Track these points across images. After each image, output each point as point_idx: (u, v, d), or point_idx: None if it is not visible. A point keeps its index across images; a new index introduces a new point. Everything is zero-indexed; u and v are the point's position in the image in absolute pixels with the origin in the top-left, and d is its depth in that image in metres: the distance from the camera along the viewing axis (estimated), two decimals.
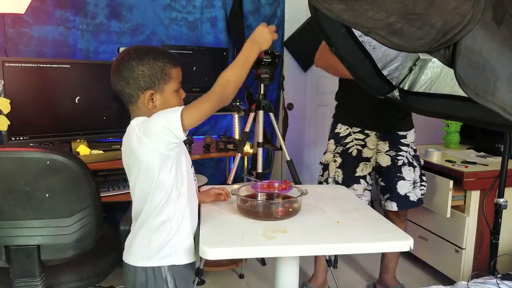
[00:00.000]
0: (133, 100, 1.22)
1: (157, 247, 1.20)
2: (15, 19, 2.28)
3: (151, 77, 1.20)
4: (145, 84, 1.20)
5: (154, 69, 1.21)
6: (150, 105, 1.21)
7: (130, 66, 1.19)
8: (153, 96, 1.21)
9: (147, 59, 1.20)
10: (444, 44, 0.93)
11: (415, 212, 2.60)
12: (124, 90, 1.21)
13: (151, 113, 1.19)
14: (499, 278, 1.62)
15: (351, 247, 1.19)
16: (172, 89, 1.26)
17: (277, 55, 1.87)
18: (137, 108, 1.23)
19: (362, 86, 1.87)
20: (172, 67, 1.26)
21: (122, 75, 1.20)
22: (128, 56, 1.21)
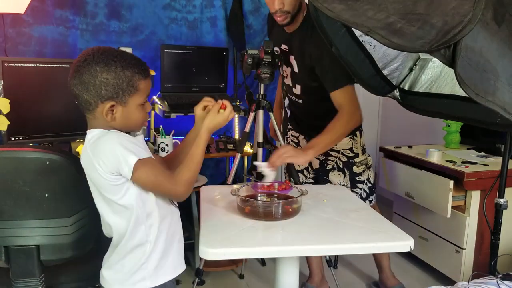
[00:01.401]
0: (90, 109, 1.10)
1: (130, 271, 1.13)
2: (15, 19, 2.28)
3: (115, 87, 1.07)
4: (107, 94, 1.07)
5: (120, 79, 1.07)
6: (108, 117, 1.09)
7: (93, 71, 1.06)
8: (114, 108, 1.09)
9: (114, 66, 1.07)
10: (444, 44, 0.93)
11: (415, 212, 2.60)
12: (82, 95, 1.08)
13: (110, 125, 1.11)
14: (499, 278, 1.61)
15: (351, 247, 1.19)
16: (137, 102, 1.12)
17: (277, 55, 1.87)
18: (93, 118, 1.12)
19: (363, 86, 1.86)
20: (141, 79, 1.11)
21: (82, 79, 1.06)
22: (92, 59, 1.07)
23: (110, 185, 1.08)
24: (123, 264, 1.14)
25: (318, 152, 1.77)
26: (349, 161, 2.08)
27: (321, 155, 2.09)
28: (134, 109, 1.12)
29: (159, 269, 1.16)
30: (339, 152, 2.09)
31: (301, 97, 2.02)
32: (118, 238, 1.14)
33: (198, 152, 1.16)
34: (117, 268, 1.15)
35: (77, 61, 1.08)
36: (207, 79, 2.67)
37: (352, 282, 2.49)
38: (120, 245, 1.13)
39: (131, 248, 1.13)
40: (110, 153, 1.05)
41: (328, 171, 2.10)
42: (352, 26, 1.10)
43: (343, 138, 1.85)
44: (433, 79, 1.81)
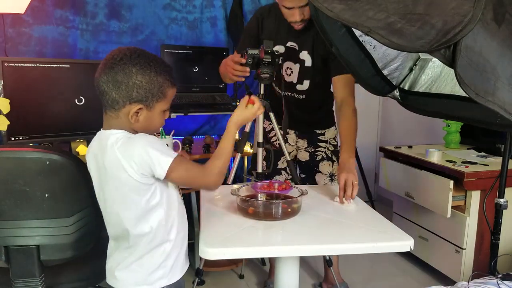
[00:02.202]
0: (116, 107, 1.09)
1: (149, 270, 1.14)
2: (15, 19, 2.28)
3: (147, 91, 1.09)
4: (137, 96, 1.08)
5: (153, 84, 1.09)
6: (133, 119, 1.10)
7: (129, 71, 1.06)
8: (140, 111, 1.10)
9: (149, 70, 1.08)
10: (444, 44, 0.93)
11: (416, 212, 2.60)
12: (111, 93, 1.08)
13: (130, 126, 1.12)
14: (499, 278, 1.62)
15: (351, 247, 1.19)
16: (162, 108, 1.14)
17: (277, 55, 1.87)
18: (116, 117, 1.11)
19: (363, 86, 1.86)
20: (170, 86, 1.14)
21: (116, 77, 1.06)
22: (129, 59, 1.08)
23: (140, 186, 1.08)
24: (141, 264, 1.14)
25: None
26: (335, 149, 2.20)
27: (311, 147, 2.20)
28: (157, 115, 1.14)
29: (175, 267, 1.18)
30: (327, 142, 2.20)
31: (305, 92, 2.07)
32: (137, 239, 1.13)
33: (226, 145, 1.22)
34: (134, 268, 1.14)
35: (112, 58, 1.08)
36: (207, 79, 2.67)
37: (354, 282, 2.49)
38: (141, 245, 1.13)
39: (152, 247, 1.13)
40: (144, 154, 1.05)
41: (318, 162, 2.18)
42: (352, 26, 1.10)
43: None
44: (433, 79, 1.81)
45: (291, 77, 2.04)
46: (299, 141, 2.22)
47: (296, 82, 2.05)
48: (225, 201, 1.47)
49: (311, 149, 2.20)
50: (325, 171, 2.18)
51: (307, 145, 2.21)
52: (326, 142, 2.20)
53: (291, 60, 2.02)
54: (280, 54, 1.91)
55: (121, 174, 1.07)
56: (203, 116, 2.86)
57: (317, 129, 2.20)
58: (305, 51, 1.98)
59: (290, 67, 2.04)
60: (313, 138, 2.20)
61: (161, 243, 1.14)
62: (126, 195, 1.09)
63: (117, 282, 1.16)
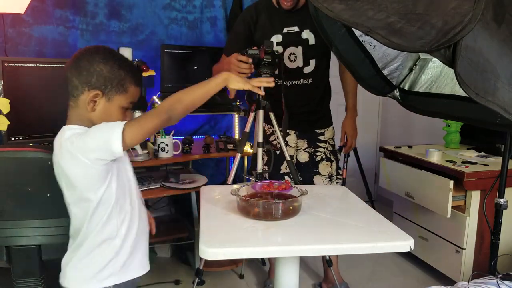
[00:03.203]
0: (75, 94, 1.12)
1: (98, 267, 1.13)
2: (15, 19, 2.28)
3: (106, 80, 1.11)
4: (95, 83, 1.10)
5: (113, 74, 1.11)
6: (90, 106, 1.11)
7: (92, 59, 1.10)
8: (97, 99, 1.11)
9: (113, 61, 1.12)
10: (444, 44, 0.93)
11: (415, 212, 2.60)
12: (72, 79, 1.11)
13: (87, 116, 1.12)
14: (499, 278, 1.62)
15: (351, 247, 1.19)
16: (121, 104, 1.14)
17: (277, 55, 1.87)
18: (75, 106, 1.13)
19: (363, 86, 1.87)
20: (133, 84, 1.15)
21: (79, 63, 1.10)
22: (95, 50, 1.13)
23: (96, 177, 1.07)
24: (91, 259, 1.13)
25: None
26: (333, 149, 2.23)
27: (311, 147, 2.21)
28: (116, 109, 1.14)
29: (127, 265, 1.17)
30: (326, 142, 2.22)
31: (311, 75, 2.11)
32: (85, 234, 1.13)
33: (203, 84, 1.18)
34: (83, 265, 1.13)
35: (80, 50, 1.14)
36: (207, 79, 2.66)
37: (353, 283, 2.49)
38: (88, 240, 1.12)
39: (100, 242, 1.13)
40: (98, 137, 1.05)
41: (318, 163, 2.19)
42: (352, 26, 1.10)
43: None
44: (433, 79, 1.81)
45: (296, 62, 2.07)
46: (299, 141, 2.23)
47: (302, 66, 2.08)
48: (225, 201, 1.47)
49: (311, 150, 2.21)
50: (324, 172, 2.18)
51: (307, 145, 2.22)
52: (326, 142, 2.22)
53: (292, 44, 2.05)
54: (280, 54, 1.92)
55: (76, 169, 1.07)
56: (203, 116, 2.86)
57: (317, 129, 2.21)
58: (307, 30, 2.04)
59: (292, 52, 2.07)
60: (313, 138, 2.21)
61: (109, 239, 1.13)
62: (81, 190, 1.09)
63: (67, 281, 1.15)
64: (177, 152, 2.32)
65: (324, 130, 2.22)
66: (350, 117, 2.29)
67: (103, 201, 1.11)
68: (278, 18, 2.04)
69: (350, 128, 2.30)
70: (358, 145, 2.88)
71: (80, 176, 1.08)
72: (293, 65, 2.08)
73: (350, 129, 2.30)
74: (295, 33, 2.05)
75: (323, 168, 2.19)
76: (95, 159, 1.05)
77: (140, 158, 2.16)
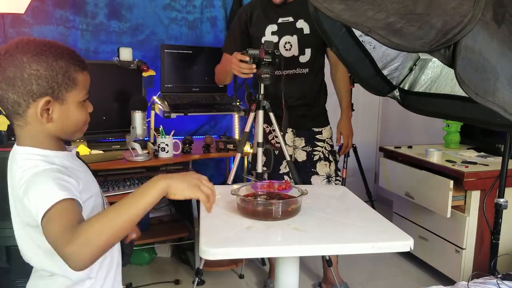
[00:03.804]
0: (19, 112, 0.89)
1: None
2: (15, 19, 2.28)
3: (49, 80, 0.88)
4: (39, 89, 0.88)
5: (53, 70, 0.89)
6: (44, 118, 0.89)
7: (19, 62, 0.86)
8: (50, 106, 0.90)
9: (45, 55, 0.88)
10: (444, 44, 0.93)
11: (415, 212, 2.60)
12: (7, 95, 0.87)
13: (43, 132, 0.91)
14: (499, 278, 1.62)
15: (351, 247, 1.19)
16: (77, 99, 0.94)
17: (277, 55, 1.88)
18: (25, 124, 0.91)
19: (363, 86, 1.86)
20: (79, 71, 0.94)
21: (6, 74, 0.86)
22: (16, 49, 0.87)
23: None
24: None
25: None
26: (332, 149, 2.23)
27: (309, 146, 2.20)
28: (74, 108, 0.94)
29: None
30: (324, 141, 2.21)
31: (308, 65, 2.12)
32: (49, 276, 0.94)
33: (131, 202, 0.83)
34: None
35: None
36: (207, 79, 2.67)
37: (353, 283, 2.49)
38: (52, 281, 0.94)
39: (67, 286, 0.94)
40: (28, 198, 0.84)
41: (316, 162, 2.19)
42: (352, 26, 1.10)
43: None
44: (433, 79, 1.81)
45: (292, 51, 2.09)
46: (296, 139, 2.22)
47: (298, 54, 2.10)
48: (225, 201, 1.47)
49: (308, 148, 2.20)
50: (322, 172, 2.18)
51: (305, 144, 2.21)
52: (324, 142, 2.21)
53: (287, 33, 2.08)
54: (280, 54, 1.92)
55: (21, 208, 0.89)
56: (203, 116, 2.86)
57: (314, 127, 2.21)
58: (301, 19, 2.07)
59: (288, 41, 2.09)
60: (311, 137, 2.21)
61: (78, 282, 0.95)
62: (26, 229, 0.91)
63: None
64: (177, 152, 2.32)
65: (322, 129, 2.22)
66: (345, 117, 2.31)
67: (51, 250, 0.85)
68: (272, 10, 2.09)
69: (346, 129, 2.31)
70: (358, 145, 2.89)
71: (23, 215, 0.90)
72: (289, 53, 2.10)
73: (345, 129, 2.31)
74: (290, 22, 2.09)
75: (320, 168, 2.18)
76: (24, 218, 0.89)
77: (140, 158, 2.16)
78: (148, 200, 0.83)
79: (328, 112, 2.31)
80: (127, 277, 2.45)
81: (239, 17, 2.17)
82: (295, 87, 2.10)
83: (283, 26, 2.09)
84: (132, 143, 2.14)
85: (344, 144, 2.35)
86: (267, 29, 2.09)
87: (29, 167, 0.87)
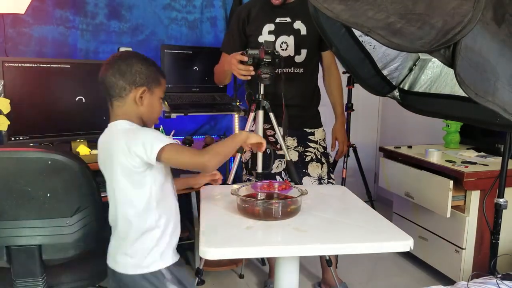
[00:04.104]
0: (123, 94, 1.26)
1: (143, 255, 1.25)
2: (15, 19, 2.28)
3: (147, 77, 1.28)
4: (140, 81, 1.27)
5: (150, 71, 1.29)
6: (139, 102, 1.27)
7: (130, 62, 1.26)
8: (143, 94, 1.27)
9: (145, 60, 1.30)
10: (444, 44, 0.93)
11: (415, 212, 2.60)
12: (118, 82, 1.25)
13: (136, 111, 1.28)
14: (499, 278, 1.62)
15: (351, 247, 1.19)
16: (159, 95, 1.33)
17: (277, 55, 1.88)
18: (123, 104, 1.27)
19: (363, 86, 1.87)
20: (161, 77, 1.33)
21: (120, 67, 1.25)
22: (127, 53, 1.32)
23: (135, 171, 1.20)
24: (135, 249, 1.25)
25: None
26: (325, 151, 2.21)
27: (301, 146, 2.19)
28: (157, 100, 1.32)
29: (166, 253, 1.29)
30: (317, 142, 2.20)
31: (302, 65, 2.12)
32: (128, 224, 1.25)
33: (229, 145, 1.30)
34: (130, 253, 1.25)
35: (112, 57, 1.29)
36: (207, 79, 2.67)
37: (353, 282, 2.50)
38: (132, 230, 1.24)
39: (142, 232, 1.24)
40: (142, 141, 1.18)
41: (307, 163, 2.16)
42: (352, 26, 1.10)
43: None
44: (433, 79, 1.81)
45: (288, 51, 2.09)
46: (288, 139, 2.19)
47: (293, 55, 2.10)
48: (225, 201, 1.47)
49: (300, 149, 2.18)
50: (314, 173, 2.15)
51: (297, 144, 2.19)
52: (316, 143, 2.20)
53: (284, 33, 2.09)
54: (279, 54, 1.92)
55: (123, 160, 1.19)
56: (203, 116, 2.86)
57: (306, 128, 2.20)
58: (299, 21, 2.07)
59: (284, 41, 2.09)
60: (303, 137, 2.19)
61: (150, 229, 1.25)
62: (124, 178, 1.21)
63: (117, 265, 1.28)
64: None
65: (314, 130, 2.21)
66: (340, 123, 2.30)
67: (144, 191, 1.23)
68: (270, 10, 2.08)
69: (341, 134, 2.31)
70: (358, 145, 2.89)
71: (126, 163, 1.19)
72: (285, 53, 2.09)
73: (340, 135, 2.31)
74: (287, 23, 2.09)
75: (312, 169, 2.15)
76: (135, 156, 1.18)
77: None
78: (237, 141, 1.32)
79: (324, 115, 2.31)
80: None
81: (237, 16, 2.17)
82: (289, 85, 2.10)
83: (280, 26, 2.09)
84: None
85: (340, 149, 2.35)
86: (264, 28, 2.09)
87: (130, 128, 1.24)
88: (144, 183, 1.23)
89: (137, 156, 1.18)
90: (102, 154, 1.29)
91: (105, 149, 1.27)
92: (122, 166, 1.20)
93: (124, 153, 1.18)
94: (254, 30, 2.11)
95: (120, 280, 1.28)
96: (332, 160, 2.34)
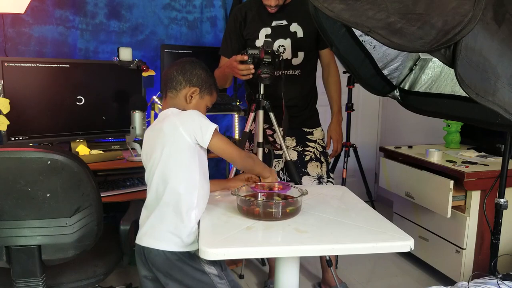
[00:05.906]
0: (177, 88, 1.41)
1: (184, 234, 1.30)
2: (15, 18, 2.28)
3: (203, 82, 1.43)
4: (196, 82, 1.42)
5: (208, 79, 1.45)
6: (188, 99, 1.41)
7: (194, 65, 1.43)
8: (194, 94, 1.41)
9: (208, 71, 1.47)
10: (444, 43, 0.93)
11: (416, 212, 2.60)
12: (178, 77, 1.41)
13: (184, 107, 1.40)
14: (499, 279, 1.62)
15: (351, 247, 1.19)
16: (207, 103, 1.47)
17: (277, 55, 1.88)
18: (175, 97, 1.42)
19: (363, 86, 1.87)
20: (215, 91, 1.48)
21: (185, 66, 1.42)
22: (196, 60, 1.47)
23: (188, 148, 1.31)
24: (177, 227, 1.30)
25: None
26: (323, 150, 2.21)
27: (299, 146, 2.19)
28: (203, 106, 1.45)
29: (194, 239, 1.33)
30: (315, 142, 2.20)
31: (300, 67, 2.13)
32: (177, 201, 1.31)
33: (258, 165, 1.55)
34: (171, 229, 1.30)
35: (184, 59, 1.46)
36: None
37: (353, 283, 2.49)
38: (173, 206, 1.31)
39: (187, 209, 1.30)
40: (196, 122, 1.31)
41: (307, 163, 2.16)
42: (352, 26, 1.10)
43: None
44: (433, 79, 1.81)
45: (285, 54, 2.10)
46: (287, 139, 2.20)
47: (291, 58, 2.11)
48: (225, 201, 1.47)
49: (299, 148, 2.18)
50: (313, 173, 2.15)
51: (296, 144, 2.19)
52: (315, 142, 2.20)
53: (281, 37, 2.09)
54: (279, 54, 1.92)
55: (177, 137, 1.30)
56: None
57: (305, 127, 2.21)
58: (295, 23, 2.08)
59: (281, 44, 2.10)
60: (302, 137, 2.20)
61: (189, 210, 1.31)
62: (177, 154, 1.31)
63: (158, 243, 1.31)
64: None
65: (313, 130, 2.21)
66: (335, 121, 2.28)
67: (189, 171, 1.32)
68: (266, 13, 2.08)
69: (335, 133, 2.29)
70: (358, 145, 2.89)
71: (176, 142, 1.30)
72: (283, 56, 2.09)
73: (335, 133, 2.29)
74: (284, 26, 2.09)
75: (311, 168, 2.16)
76: (190, 135, 1.29)
77: (140, 158, 2.15)
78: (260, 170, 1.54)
79: (324, 115, 2.31)
80: (127, 277, 2.45)
81: (234, 19, 2.16)
82: (287, 87, 2.10)
83: (277, 29, 2.08)
84: (132, 143, 2.14)
85: (334, 149, 2.33)
86: (261, 32, 2.09)
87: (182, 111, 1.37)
88: (194, 161, 1.32)
89: (192, 135, 1.29)
90: (148, 136, 1.40)
91: (156, 131, 1.35)
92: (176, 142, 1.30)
93: (177, 131, 1.29)
94: (251, 34, 2.11)
95: (154, 260, 1.31)
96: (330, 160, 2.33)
